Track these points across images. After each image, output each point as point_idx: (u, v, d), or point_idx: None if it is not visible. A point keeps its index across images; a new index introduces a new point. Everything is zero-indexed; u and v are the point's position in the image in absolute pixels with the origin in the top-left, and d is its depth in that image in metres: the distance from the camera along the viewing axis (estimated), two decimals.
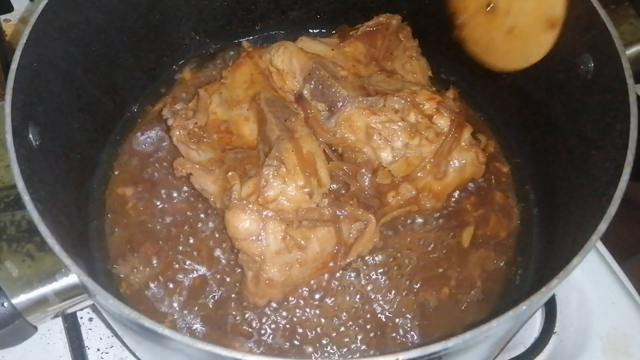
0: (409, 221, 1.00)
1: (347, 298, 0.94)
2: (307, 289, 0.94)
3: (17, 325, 0.75)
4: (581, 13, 0.84)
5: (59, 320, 1.00)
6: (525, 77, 1.00)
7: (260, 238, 0.85)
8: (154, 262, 0.96)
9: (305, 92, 1.01)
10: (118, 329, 0.89)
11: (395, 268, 0.97)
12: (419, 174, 0.95)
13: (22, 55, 0.78)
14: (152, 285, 0.95)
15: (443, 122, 0.95)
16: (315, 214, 0.88)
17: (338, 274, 0.95)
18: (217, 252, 0.97)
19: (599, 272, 1.08)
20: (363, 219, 0.90)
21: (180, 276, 0.96)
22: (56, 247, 0.68)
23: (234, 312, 0.93)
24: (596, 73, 0.84)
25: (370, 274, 0.96)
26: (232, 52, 1.19)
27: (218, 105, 1.01)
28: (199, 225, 1.00)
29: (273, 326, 0.92)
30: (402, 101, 0.95)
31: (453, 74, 1.16)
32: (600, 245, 1.11)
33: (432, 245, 0.99)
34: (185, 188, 1.03)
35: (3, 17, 1.37)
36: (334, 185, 0.94)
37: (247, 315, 0.92)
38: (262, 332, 0.91)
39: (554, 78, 0.94)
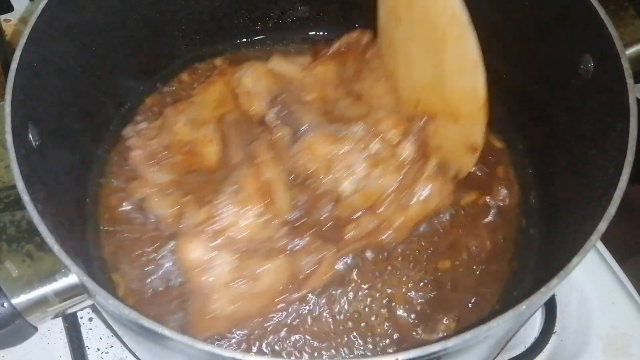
0: None
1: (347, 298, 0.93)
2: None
3: (17, 326, 0.75)
4: (581, 13, 0.84)
5: (59, 320, 1.00)
6: (525, 78, 1.00)
7: (209, 268, 0.82)
8: (149, 262, 0.94)
9: (270, 116, 0.97)
10: (118, 329, 0.89)
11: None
12: (381, 206, 0.91)
13: (22, 55, 0.78)
14: (148, 286, 0.93)
15: (407, 151, 0.91)
16: (270, 244, 0.84)
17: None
18: None
19: (599, 272, 1.08)
20: (320, 250, 0.87)
21: (175, 275, 0.93)
22: (55, 247, 0.68)
23: None
24: (596, 73, 0.84)
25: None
26: (230, 54, 1.18)
27: (184, 125, 0.98)
28: None
29: (277, 328, 0.91)
30: (365, 129, 0.92)
31: None
32: (600, 245, 1.11)
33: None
34: None
35: (3, 17, 1.37)
36: (293, 214, 0.90)
37: None
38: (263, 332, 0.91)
39: (554, 78, 0.94)
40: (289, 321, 0.90)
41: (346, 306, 0.92)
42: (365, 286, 0.94)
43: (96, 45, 0.98)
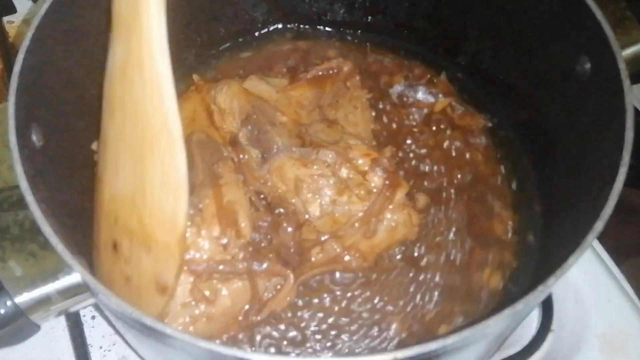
0: None
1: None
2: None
3: (20, 324, 0.76)
4: (578, 14, 0.85)
5: (62, 318, 1.01)
6: (522, 78, 1.00)
7: None
8: None
9: (240, 135, 0.97)
10: (120, 327, 0.89)
11: None
12: (347, 232, 0.91)
13: (25, 57, 0.79)
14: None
15: (376, 180, 0.91)
16: (228, 267, 0.84)
17: None
18: None
19: (596, 271, 1.09)
20: (281, 275, 0.87)
21: None
22: (59, 247, 0.68)
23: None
24: (593, 74, 0.85)
25: None
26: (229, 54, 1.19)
27: None
28: None
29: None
30: (335, 155, 0.92)
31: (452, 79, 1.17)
32: (597, 245, 1.12)
33: None
34: None
35: (6, 18, 1.38)
36: (256, 236, 0.90)
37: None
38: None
39: (551, 78, 0.94)
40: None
41: None
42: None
43: (99, 47, 0.98)
